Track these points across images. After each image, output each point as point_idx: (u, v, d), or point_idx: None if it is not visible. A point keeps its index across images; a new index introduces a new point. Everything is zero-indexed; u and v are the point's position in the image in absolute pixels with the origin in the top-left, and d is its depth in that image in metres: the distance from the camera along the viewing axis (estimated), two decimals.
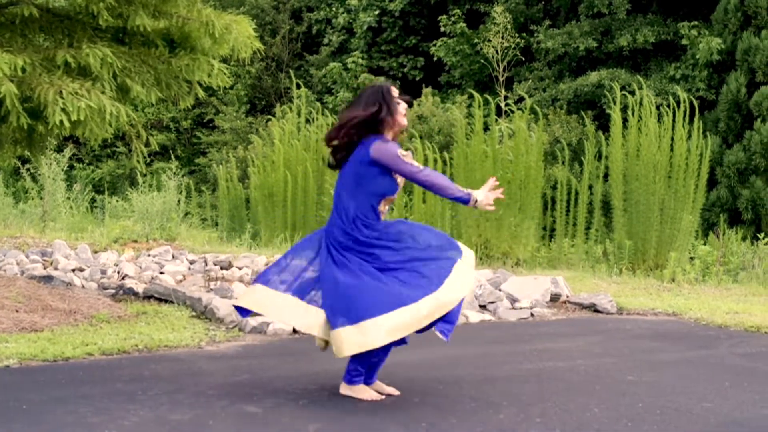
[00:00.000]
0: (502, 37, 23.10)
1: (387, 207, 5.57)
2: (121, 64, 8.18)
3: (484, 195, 5.55)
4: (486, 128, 14.44)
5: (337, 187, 5.55)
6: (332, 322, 5.26)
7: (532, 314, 9.29)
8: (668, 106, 13.68)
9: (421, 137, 17.25)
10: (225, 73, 9.06)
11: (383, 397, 5.43)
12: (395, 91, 5.53)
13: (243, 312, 5.57)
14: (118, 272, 10.56)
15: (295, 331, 7.78)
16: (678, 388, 6.01)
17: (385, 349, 5.32)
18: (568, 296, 10.07)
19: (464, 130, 14.17)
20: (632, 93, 14.25)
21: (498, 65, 22.53)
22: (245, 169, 20.38)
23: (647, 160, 13.26)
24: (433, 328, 5.31)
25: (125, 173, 28.92)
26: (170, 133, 31.62)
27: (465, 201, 5.53)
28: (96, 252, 12.03)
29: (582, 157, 15.07)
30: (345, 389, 5.50)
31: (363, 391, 5.47)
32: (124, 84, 8.41)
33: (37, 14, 8.20)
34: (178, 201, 16.04)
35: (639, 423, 5.13)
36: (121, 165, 29.40)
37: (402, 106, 5.51)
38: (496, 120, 14.80)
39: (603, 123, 22.22)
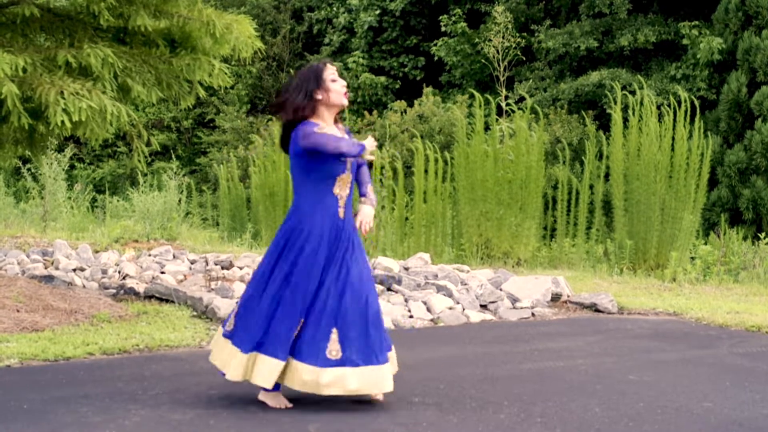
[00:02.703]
0: (503, 37, 23.05)
1: (344, 189, 5.44)
2: (122, 64, 8.19)
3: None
4: (487, 128, 14.43)
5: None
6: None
7: (533, 314, 9.28)
8: (669, 105, 13.66)
9: (422, 137, 17.26)
10: (226, 73, 9.07)
11: (290, 405, 5.37)
12: (330, 67, 5.39)
13: None
14: (119, 272, 10.56)
15: None
16: (679, 388, 6.01)
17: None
18: (569, 296, 10.06)
19: (465, 129, 14.17)
20: (633, 93, 14.24)
21: (499, 65, 22.49)
22: (246, 168, 20.40)
23: (648, 160, 13.25)
24: None
25: (126, 173, 28.93)
26: (171, 133, 31.62)
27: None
28: (97, 252, 12.03)
29: (583, 157, 15.06)
30: (262, 396, 5.41)
31: (275, 398, 5.40)
32: (125, 84, 8.43)
33: (38, 14, 8.21)
34: (179, 201, 16.05)
35: (640, 423, 5.13)
36: (122, 165, 29.40)
37: (338, 84, 5.36)
38: (497, 120, 14.79)
39: (604, 123, 22.24)
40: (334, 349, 5.17)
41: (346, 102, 5.36)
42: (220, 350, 5.35)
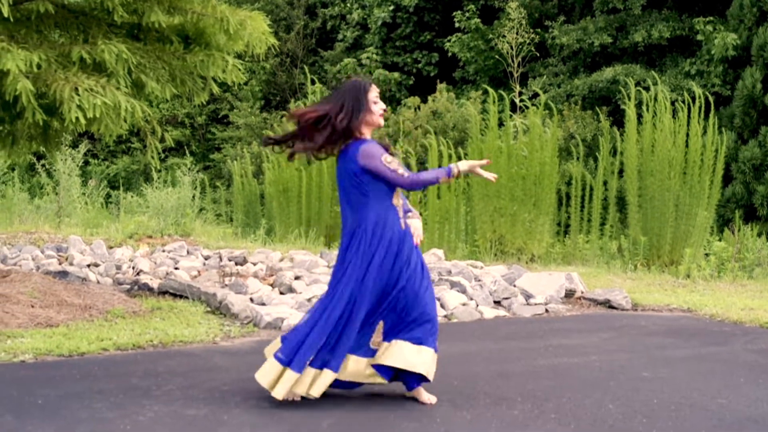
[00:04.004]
0: (517, 33, 23.05)
1: (400, 199, 5.46)
2: (136, 60, 8.20)
3: (469, 166, 5.52)
4: (500, 124, 14.40)
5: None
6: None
7: (546, 310, 9.28)
8: (683, 101, 13.63)
9: (435, 133, 17.26)
10: (239, 69, 9.07)
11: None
12: (375, 89, 5.42)
13: None
14: (133, 268, 10.59)
15: None
16: (692, 385, 6.00)
17: None
18: (582, 292, 10.05)
19: (479, 126, 14.15)
20: (647, 89, 14.21)
21: (512, 61, 22.48)
22: (260, 164, 20.43)
23: (662, 156, 13.23)
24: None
25: (140, 169, 29.00)
26: (185, 129, 31.69)
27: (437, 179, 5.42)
28: (111, 247, 12.06)
29: (596, 153, 15.05)
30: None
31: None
32: (139, 80, 8.44)
33: (53, 10, 8.21)
34: (193, 197, 16.08)
35: (653, 419, 5.12)
36: (135, 161, 29.49)
37: (378, 106, 5.40)
38: (511, 116, 14.78)
39: (618, 119, 22.14)
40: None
41: (382, 123, 5.45)
42: None
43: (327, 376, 5.21)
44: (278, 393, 5.14)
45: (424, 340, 5.28)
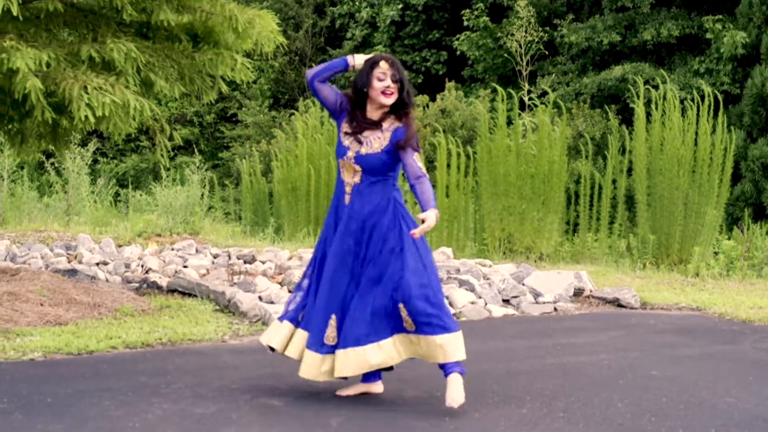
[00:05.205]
0: (526, 31, 23.00)
1: (351, 176, 5.37)
2: (145, 58, 8.21)
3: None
4: (509, 122, 14.37)
5: None
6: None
7: (555, 309, 9.27)
8: (692, 100, 13.59)
9: (444, 131, 17.24)
10: (248, 68, 9.07)
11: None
12: (382, 65, 5.38)
13: None
14: (142, 266, 10.60)
15: None
16: (701, 383, 5.99)
17: None
18: (591, 291, 10.04)
19: (487, 124, 14.12)
20: (656, 87, 14.17)
21: (521, 59, 22.42)
22: (268, 163, 20.43)
23: (671, 155, 13.19)
24: None
25: (149, 167, 29.03)
26: (194, 128, 31.71)
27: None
28: (120, 246, 12.08)
29: (605, 152, 15.01)
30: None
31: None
32: (147, 78, 8.45)
33: (62, 9, 8.23)
34: (202, 195, 16.09)
35: (662, 418, 5.12)
36: (144, 159, 29.51)
37: (381, 83, 5.36)
38: (520, 114, 14.75)
39: (627, 117, 22.11)
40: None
41: (385, 101, 5.32)
42: None
43: None
44: None
45: None
